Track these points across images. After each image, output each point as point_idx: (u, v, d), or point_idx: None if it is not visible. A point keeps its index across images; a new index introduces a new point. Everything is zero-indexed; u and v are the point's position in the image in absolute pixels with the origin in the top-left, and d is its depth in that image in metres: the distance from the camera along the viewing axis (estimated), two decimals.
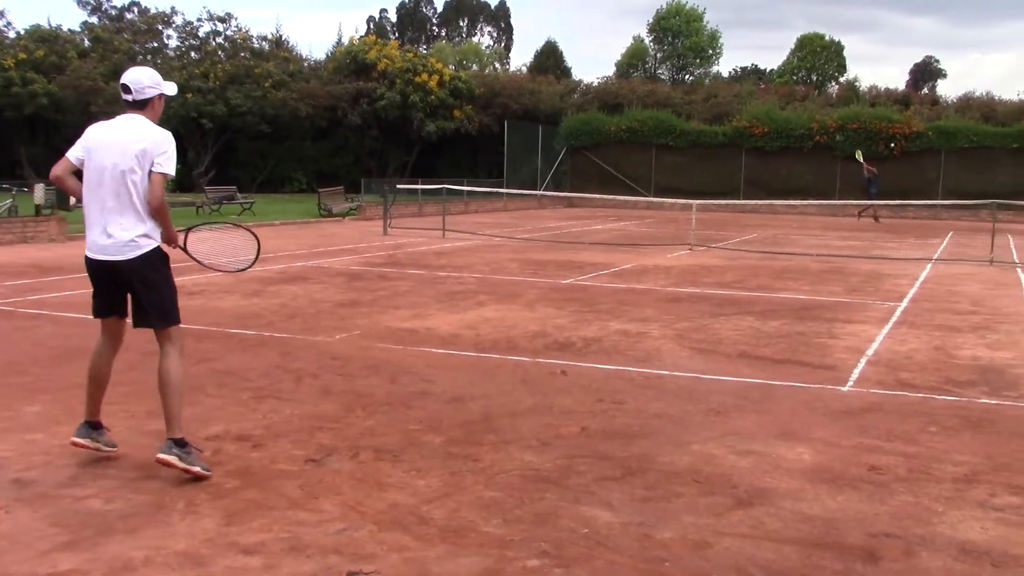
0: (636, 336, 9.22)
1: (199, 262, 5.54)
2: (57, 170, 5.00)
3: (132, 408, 6.16)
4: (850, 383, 7.33)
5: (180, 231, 5.24)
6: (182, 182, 44.89)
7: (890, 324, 10.23)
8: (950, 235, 26.62)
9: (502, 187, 35.42)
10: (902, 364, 8.10)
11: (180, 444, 4.80)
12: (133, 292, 4.96)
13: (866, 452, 5.51)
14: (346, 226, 25.79)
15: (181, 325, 5.14)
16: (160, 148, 4.88)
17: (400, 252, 17.96)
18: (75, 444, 5.03)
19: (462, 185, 29.92)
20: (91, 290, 5.08)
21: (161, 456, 4.76)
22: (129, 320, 5.10)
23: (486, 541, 4.11)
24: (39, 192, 22.20)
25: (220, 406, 6.29)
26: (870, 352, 8.60)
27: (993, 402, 6.81)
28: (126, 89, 4.97)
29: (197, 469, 4.76)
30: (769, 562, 3.96)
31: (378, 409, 6.29)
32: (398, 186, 28.80)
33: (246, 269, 5.97)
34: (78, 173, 5.00)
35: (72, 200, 23.31)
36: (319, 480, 4.85)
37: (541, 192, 37.74)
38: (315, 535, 4.14)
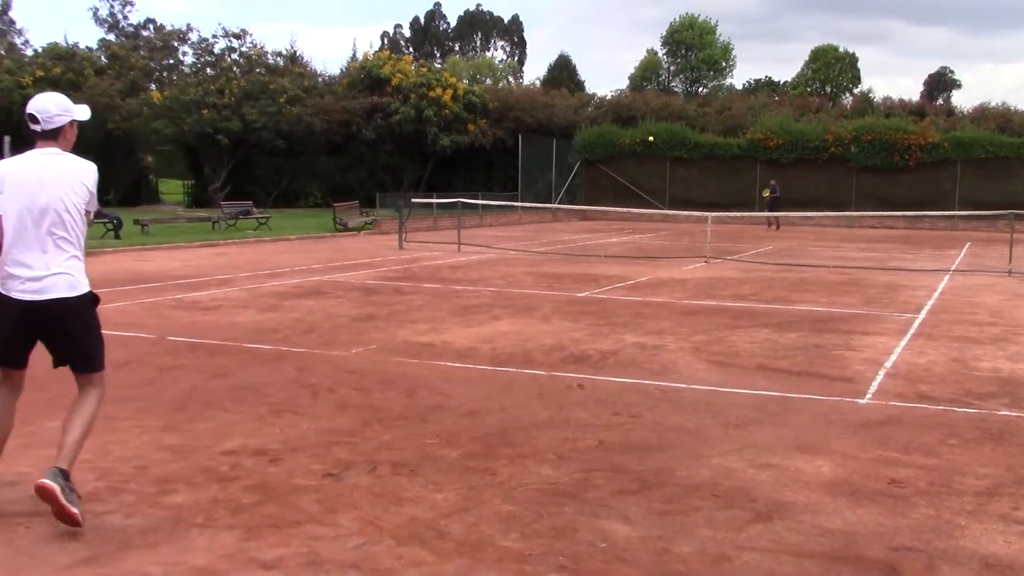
0: (652, 349, 9.20)
1: None
2: None
3: (147, 424, 6.18)
4: (868, 395, 7.29)
5: None
6: (198, 197, 45.17)
7: (908, 336, 10.17)
8: (967, 246, 26.49)
9: (516, 200, 35.46)
10: (921, 376, 8.05)
11: (66, 476, 4.37)
12: (62, 333, 4.59)
13: (886, 465, 5.47)
14: (361, 240, 25.86)
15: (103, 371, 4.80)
16: (92, 185, 4.61)
17: (415, 266, 17.99)
18: None
19: (477, 199, 29.98)
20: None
21: (44, 482, 4.27)
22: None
23: (504, 555, 4.10)
24: None
25: (237, 421, 6.31)
26: (888, 364, 8.56)
27: (1014, 414, 6.75)
28: (33, 119, 4.52)
29: (75, 512, 4.25)
30: None
31: (395, 423, 6.29)
32: (413, 200, 28.87)
33: None
34: None
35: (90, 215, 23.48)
36: (337, 495, 4.85)
37: (556, 205, 37.78)
38: (333, 550, 4.14)
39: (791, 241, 27.56)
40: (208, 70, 47.20)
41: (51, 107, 4.56)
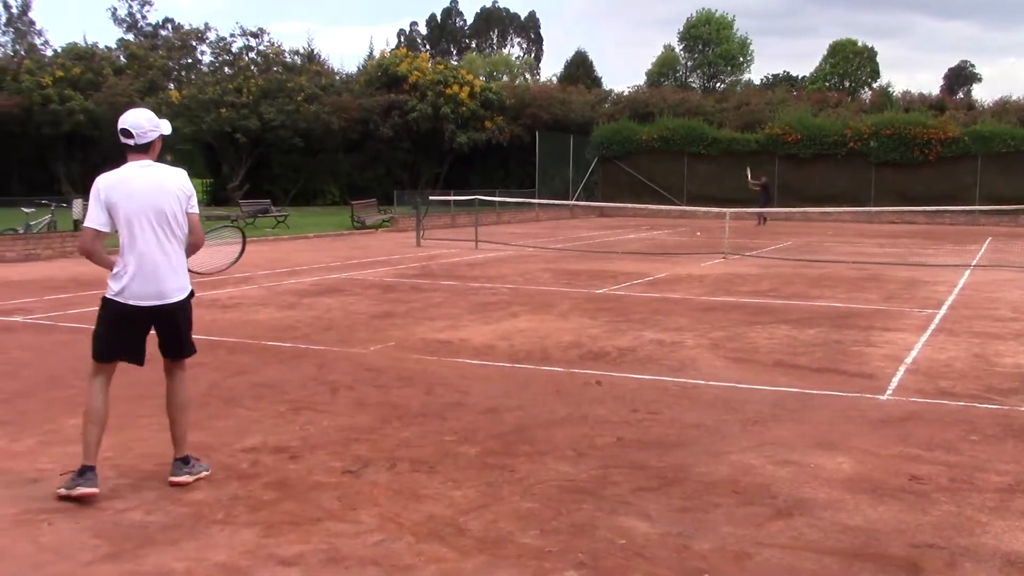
0: (671, 345, 9.18)
1: (194, 271, 5.48)
2: (88, 243, 4.94)
3: (166, 421, 6.19)
4: (889, 392, 7.25)
5: None
6: (216, 196, 45.37)
7: (929, 332, 10.11)
8: (988, 241, 26.29)
9: (534, 197, 35.45)
10: (942, 372, 8.00)
11: (187, 462, 5.05)
12: (172, 330, 5.06)
13: (906, 461, 5.44)
14: (379, 238, 25.91)
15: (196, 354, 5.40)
16: (188, 190, 5.00)
17: (433, 263, 18.02)
18: (84, 495, 4.65)
19: (494, 196, 30.00)
20: (98, 333, 4.99)
21: (175, 479, 4.95)
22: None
23: (524, 552, 4.10)
24: (77, 207, 22.53)
25: (257, 418, 6.34)
26: (909, 360, 8.51)
27: None
28: (127, 134, 4.86)
29: (202, 472, 5.05)
30: (810, 573, 3.92)
31: (413, 420, 6.30)
32: (430, 197, 28.91)
33: (233, 264, 6.22)
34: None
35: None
36: (356, 491, 4.87)
37: (573, 202, 37.70)
38: (353, 546, 4.15)
39: (810, 237, 27.43)
40: (226, 69, 47.41)
41: (144, 123, 4.90)
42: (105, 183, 4.83)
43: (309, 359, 8.40)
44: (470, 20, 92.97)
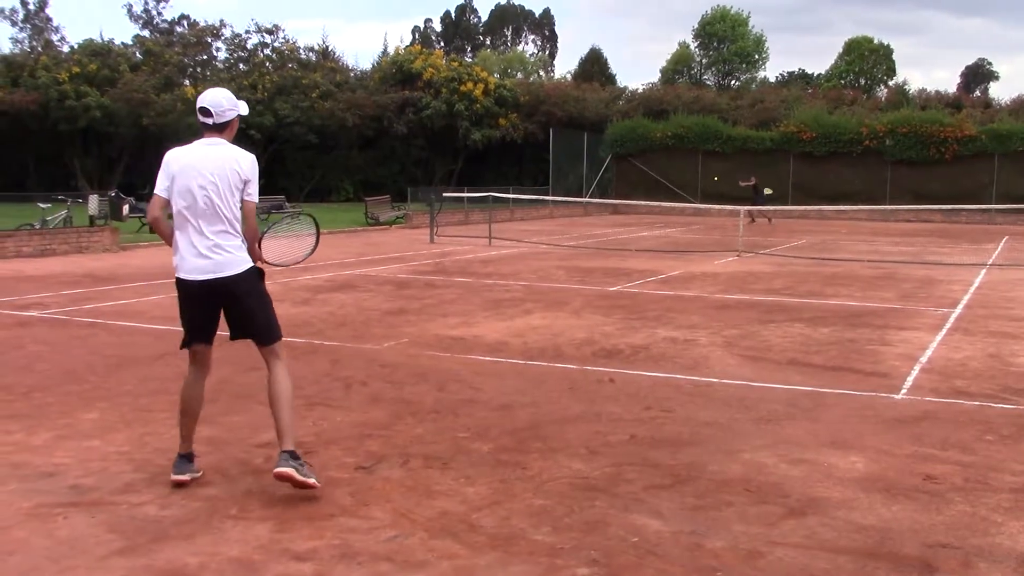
0: (684, 343, 9.16)
1: (273, 264, 5.41)
2: (154, 210, 4.92)
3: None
4: (903, 391, 7.22)
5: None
6: None
7: (944, 331, 10.06)
8: (1005, 240, 26.14)
9: (548, 195, 35.45)
10: (957, 371, 7.96)
11: (295, 456, 4.74)
12: (237, 308, 4.92)
13: (921, 461, 5.42)
14: (393, 234, 25.95)
15: (284, 339, 5.16)
16: (250, 174, 4.89)
17: (447, 260, 18.03)
18: (177, 482, 4.84)
19: (508, 193, 30.00)
20: (178, 316, 5.00)
21: (280, 470, 4.65)
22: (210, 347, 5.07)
23: (536, 549, 4.10)
24: (93, 203, 22.66)
25: (271, 414, 6.34)
26: (923, 359, 8.47)
27: None
28: (206, 112, 4.85)
29: (312, 482, 4.68)
30: (823, 572, 3.91)
31: (427, 417, 6.31)
32: (444, 194, 28.97)
33: (309, 255, 5.91)
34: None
35: (125, 210, 23.77)
36: (369, 487, 4.88)
37: (587, 199, 37.70)
38: (366, 542, 4.16)
39: (825, 235, 27.33)
40: (241, 65, 47.59)
41: (224, 101, 4.89)
42: (173, 155, 4.86)
43: (323, 355, 8.43)
44: (484, 17, 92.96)
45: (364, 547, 4.11)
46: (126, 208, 24.02)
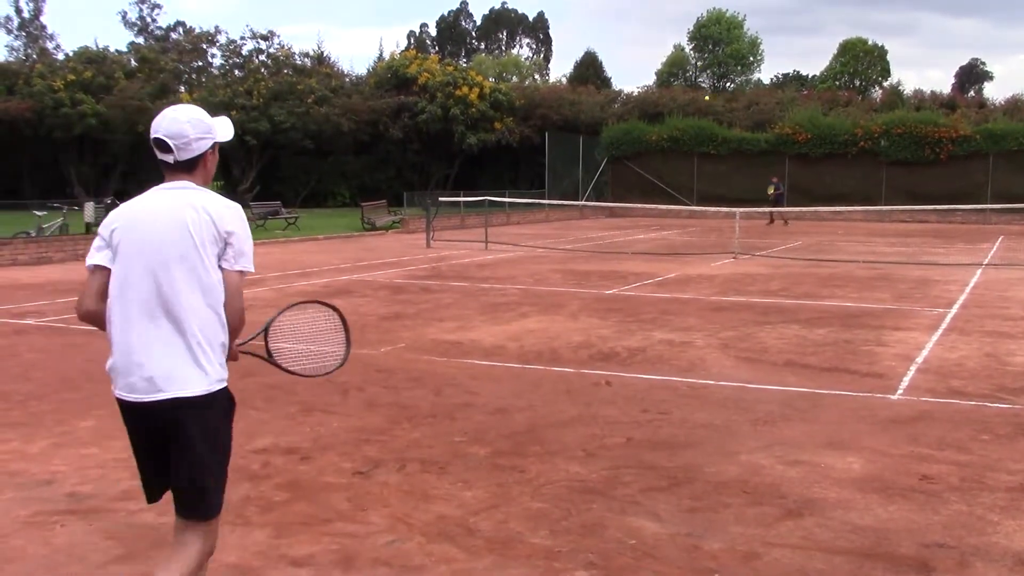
0: (680, 346, 9.17)
1: (282, 368, 3.82)
2: (87, 302, 3.26)
3: None
4: (900, 391, 7.24)
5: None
6: (227, 198, 45.49)
7: (940, 331, 10.08)
8: (1000, 240, 26.18)
9: (544, 198, 35.44)
10: (953, 371, 7.97)
11: None
12: (177, 448, 3.22)
13: (917, 461, 5.43)
14: (389, 239, 25.95)
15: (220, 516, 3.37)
16: (232, 229, 3.21)
17: (443, 264, 18.04)
18: None
19: (504, 197, 29.99)
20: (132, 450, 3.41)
21: None
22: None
23: (533, 552, 4.11)
24: (89, 210, 22.64)
25: (268, 420, 6.36)
26: (920, 360, 8.49)
27: None
28: (163, 146, 3.22)
29: None
30: (820, 573, 3.92)
31: (423, 421, 6.32)
32: (440, 199, 28.94)
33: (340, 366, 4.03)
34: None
35: None
36: (366, 492, 4.89)
37: (583, 203, 37.70)
38: (364, 547, 4.17)
39: (820, 236, 27.36)
40: (236, 72, 47.55)
41: (187, 129, 3.23)
42: (114, 214, 3.34)
43: None
44: (479, 21, 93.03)
45: (362, 552, 4.11)
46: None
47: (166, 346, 3.14)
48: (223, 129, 3.38)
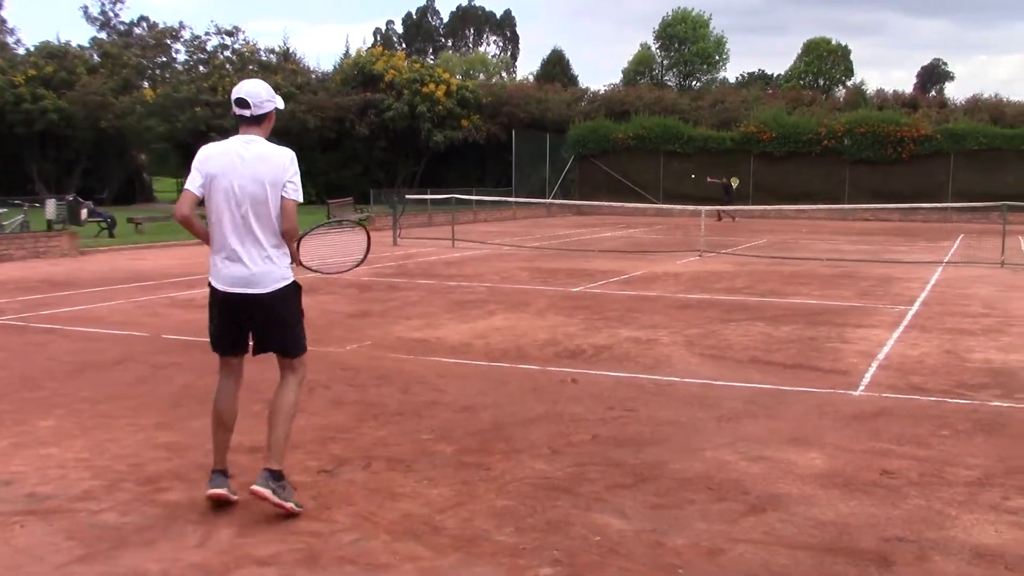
0: (646, 343, 9.22)
1: (312, 270, 5.11)
2: (183, 208, 4.50)
3: (142, 422, 6.19)
4: (861, 387, 7.32)
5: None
6: None
7: (901, 328, 10.20)
8: (960, 238, 26.55)
9: (511, 196, 35.49)
10: (914, 368, 8.08)
11: (277, 477, 4.49)
12: (267, 325, 4.65)
13: (878, 456, 5.50)
14: None
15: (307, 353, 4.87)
16: (290, 172, 4.53)
17: (410, 262, 18.00)
18: (214, 496, 4.58)
19: (471, 194, 29.98)
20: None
21: (256, 489, 4.42)
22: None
23: (499, 550, 4.12)
24: (51, 207, 22.34)
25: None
26: (881, 356, 8.59)
27: (1005, 404, 6.78)
28: (243, 103, 4.52)
29: (291, 506, 4.45)
30: (783, 568, 3.96)
31: (390, 419, 6.31)
32: (407, 196, 28.87)
33: (359, 263, 5.41)
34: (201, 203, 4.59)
35: (83, 214, 23.47)
36: (332, 491, 4.87)
37: (550, 200, 37.79)
38: (329, 546, 4.15)
39: (785, 234, 27.60)
40: (201, 68, 47.14)
41: (263, 92, 4.58)
42: (209, 151, 4.56)
43: None
44: (446, 19, 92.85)
45: (327, 551, 4.10)
46: (84, 212, 23.69)
47: (253, 256, 4.50)
48: (280, 101, 4.72)
